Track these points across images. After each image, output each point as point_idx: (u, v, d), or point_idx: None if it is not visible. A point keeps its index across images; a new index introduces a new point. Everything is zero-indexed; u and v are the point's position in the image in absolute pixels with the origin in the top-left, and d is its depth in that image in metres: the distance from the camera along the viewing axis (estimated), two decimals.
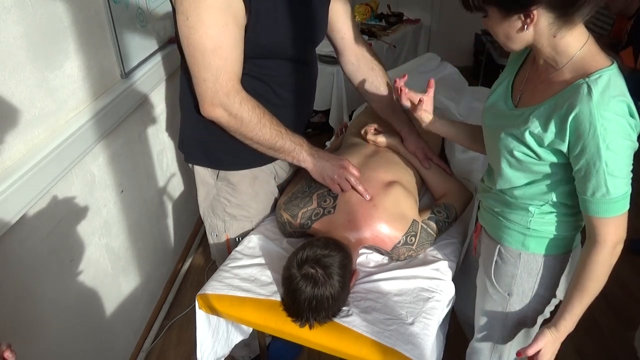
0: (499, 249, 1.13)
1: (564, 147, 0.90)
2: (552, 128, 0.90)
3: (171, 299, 2.16)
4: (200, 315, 1.24)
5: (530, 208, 1.04)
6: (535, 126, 0.93)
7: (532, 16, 0.86)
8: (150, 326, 1.99)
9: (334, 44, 1.47)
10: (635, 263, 2.25)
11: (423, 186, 1.50)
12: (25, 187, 1.17)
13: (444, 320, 1.21)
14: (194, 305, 1.24)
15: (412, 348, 1.04)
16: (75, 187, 1.43)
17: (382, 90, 1.47)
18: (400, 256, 1.28)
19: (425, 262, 1.27)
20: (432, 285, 1.20)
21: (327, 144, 1.93)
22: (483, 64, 4.26)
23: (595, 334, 1.94)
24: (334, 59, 1.53)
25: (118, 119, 1.61)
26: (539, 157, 0.96)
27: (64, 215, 1.38)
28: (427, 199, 1.51)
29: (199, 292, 1.23)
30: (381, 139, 1.47)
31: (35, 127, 1.26)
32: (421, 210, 1.36)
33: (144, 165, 1.89)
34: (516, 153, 0.98)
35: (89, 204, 1.50)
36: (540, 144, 0.94)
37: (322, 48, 1.49)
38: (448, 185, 1.45)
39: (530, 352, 1.02)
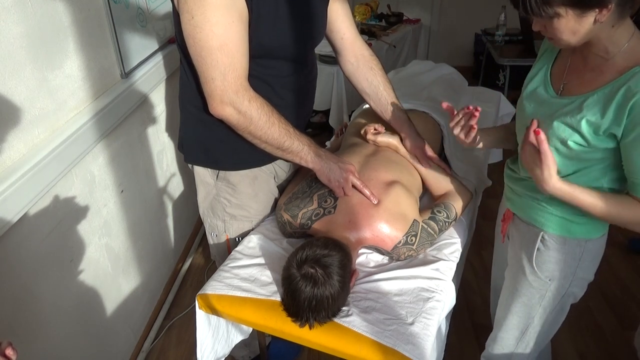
0: (542, 236, 1.14)
1: (619, 132, 0.92)
2: (609, 115, 0.92)
3: (171, 299, 2.16)
4: (200, 315, 1.24)
5: None
6: (592, 114, 0.94)
7: (609, 8, 0.87)
8: (150, 326, 1.99)
9: (333, 44, 1.47)
10: (635, 263, 2.25)
11: (423, 186, 1.50)
12: (25, 187, 1.17)
13: (444, 320, 1.21)
14: (194, 305, 1.24)
15: (412, 348, 1.04)
16: (75, 187, 1.43)
17: (382, 89, 1.47)
18: (400, 256, 1.28)
19: (425, 262, 1.27)
20: (432, 285, 1.20)
21: (327, 144, 1.93)
22: (483, 64, 4.26)
23: (595, 334, 1.94)
24: (334, 59, 1.53)
25: (118, 119, 1.61)
26: (591, 145, 0.97)
27: (64, 215, 1.38)
28: (427, 199, 1.51)
29: (199, 292, 1.23)
30: (381, 139, 1.47)
31: (35, 127, 1.26)
32: (421, 210, 1.36)
33: (144, 165, 1.89)
34: (569, 142, 0.98)
35: (89, 204, 1.50)
36: (596, 131, 0.95)
37: (322, 48, 1.49)
38: (448, 185, 1.45)
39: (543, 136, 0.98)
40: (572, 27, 0.91)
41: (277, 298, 1.18)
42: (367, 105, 1.60)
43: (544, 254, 1.15)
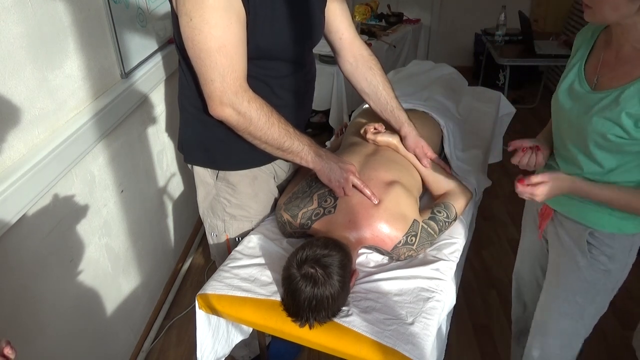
0: (590, 233, 1.14)
1: None
2: None
3: (171, 299, 2.16)
4: (200, 315, 1.24)
5: None
6: (631, 106, 0.95)
7: None
8: (150, 326, 1.99)
9: (331, 44, 1.47)
10: (635, 263, 2.24)
11: (423, 186, 1.50)
12: (25, 187, 1.17)
13: (444, 320, 1.21)
14: (194, 305, 1.24)
15: (412, 348, 1.04)
16: (75, 187, 1.43)
17: (381, 89, 1.47)
18: (400, 256, 1.28)
19: (425, 262, 1.27)
20: (432, 285, 1.20)
21: (327, 144, 1.93)
22: (483, 64, 4.26)
23: (595, 333, 1.94)
24: (334, 59, 1.53)
25: (118, 119, 1.61)
26: (632, 137, 0.97)
27: (64, 215, 1.38)
28: (427, 199, 1.51)
29: (199, 292, 1.23)
30: (381, 138, 1.47)
31: (35, 127, 1.26)
32: (421, 210, 1.36)
33: (144, 165, 1.89)
34: (609, 135, 0.98)
35: (89, 204, 1.50)
36: (636, 123, 0.95)
37: (322, 48, 1.49)
38: (448, 185, 1.45)
39: (535, 180, 1.05)
40: (618, 3, 0.92)
41: (277, 298, 1.18)
42: (367, 105, 1.60)
43: (597, 248, 1.14)
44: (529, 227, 1.39)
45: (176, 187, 2.23)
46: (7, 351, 0.68)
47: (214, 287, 1.22)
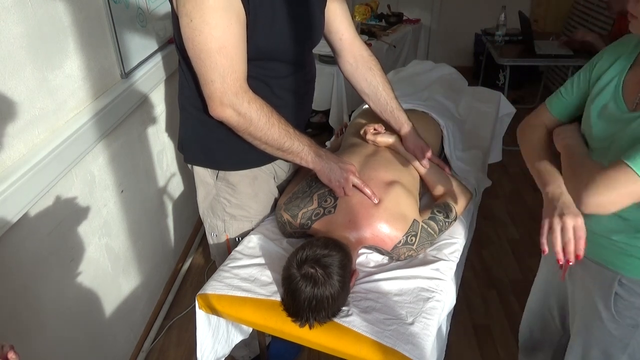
0: (620, 280, 0.99)
1: None
2: None
3: (171, 299, 2.16)
4: (200, 315, 1.24)
5: None
6: None
7: None
8: (150, 326, 1.99)
9: (331, 44, 1.47)
10: None
11: (423, 186, 1.50)
12: (25, 187, 1.17)
13: (444, 320, 1.21)
14: (194, 305, 1.24)
15: (412, 348, 1.04)
16: (76, 187, 1.43)
17: (381, 90, 1.47)
18: (400, 256, 1.28)
19: (425, 262, 1.27)
20: (432, 285, 1.20)
21: (327, 144, 1.93)
22: (483, 64, 4.26)
23: None
24: (334, 59, 1.53)
25: (118, 119, 1.61)
26: None
27: (64, 216, 1.38)
28: (427, 199, 1.51)
29: (199, 292, 1.23)
30: (380, 139, 1.47)
31: (35, 127, 1.26)
32: (421, 210, 1.36)
33: (144, 165, 1.89)
34: None
35: (89, 204, 1.50)
36: None
37: (322, 48, 1.49)
38: (448, 185, 1.45)
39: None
40: None
41: (277, 298, 1.18)
42: (367, 106, 1.60)
43: (624, 299, 0.99)
44: (554, 262, 1.21)
45: (176, 187, 2.23)
46: (11, 356, 0.68)
47: (214, 287, 1.22)
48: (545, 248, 0.93)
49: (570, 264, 0.92)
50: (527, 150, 1.10)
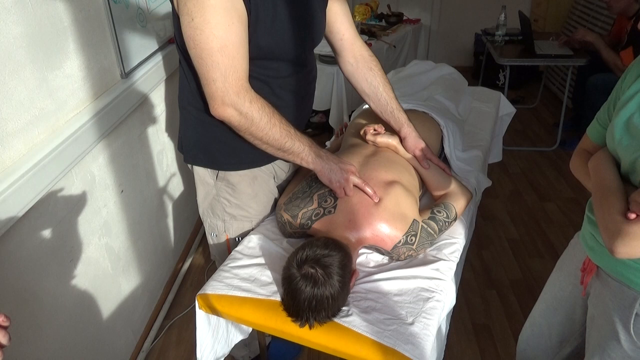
0: None
1: None
2: None
3: (171, 299, 2.16)
4: (200, 315, 1.24)
5: None
6: None
7: None
8: (150, 326, 1.99)
9: (332, 44, 1.47)
10: None
11: (423, 186, 1.50)
12: (25, 187, 1.17)
13: (444, 320, 1.21)
14: (194, 305, 1.24)
15: (412, 348, 1.04)
16: (75, 187, 1.43)
17: (381, 90, 1.47)
18: (400, 256, 1.28)
19: (425, 262, 1.27)
20: (432, 285, 1.20)
21: (327, 144, 1.93)
22: (483, 64, 4.26)
23: None
24: (334, 59, 1.53)
25: (118, 119, 1.61)
26: None
27: (64, 216, 1.38)
28: (427, 199, 1.51)
29: (199, 292, 1.23)
30: (380, 139, 1.47)
31: (35, 127, 1.26)
32: (421, 210, 1.36)
33: (144, 165, 1.89)
34: None
35: (89, 204, 1.50)
36: None
37: (322, 48, 1.49)
38: (448, 185, 1.45)
39: None
40: None
41: (277, 298, 1.18)
42: (367, 106, 1.60)
43: None
44: (566, 276, 1.21)
45: (176, 187, 2.23)
46: (1, 319, 0.67)
47: (214, 287, 1.22)
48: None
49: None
50: (579, 174, 1.09)
